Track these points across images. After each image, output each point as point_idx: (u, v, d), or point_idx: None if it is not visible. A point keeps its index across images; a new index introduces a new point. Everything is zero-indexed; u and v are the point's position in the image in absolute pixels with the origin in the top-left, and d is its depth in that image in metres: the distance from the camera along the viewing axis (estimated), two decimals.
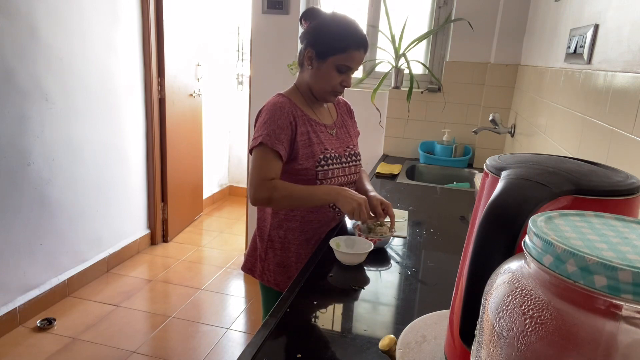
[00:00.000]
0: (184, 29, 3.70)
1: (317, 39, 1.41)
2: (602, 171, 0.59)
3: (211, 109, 4.53)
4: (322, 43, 1.41)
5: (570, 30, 1.60)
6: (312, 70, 1.44)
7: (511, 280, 0.41)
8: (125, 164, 3.30)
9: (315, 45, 1.41)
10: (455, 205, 2.03)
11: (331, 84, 1.44)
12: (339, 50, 1.40)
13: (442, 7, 2.83)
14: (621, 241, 0.39)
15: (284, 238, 1.53)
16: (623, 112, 1.09)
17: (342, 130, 1.59)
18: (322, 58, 1.41)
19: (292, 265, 1.54)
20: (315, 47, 1.41)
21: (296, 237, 1.53)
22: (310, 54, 1.43)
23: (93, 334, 2.53)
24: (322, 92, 1.47)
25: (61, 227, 2.78)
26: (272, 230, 1.54)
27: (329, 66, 1.42)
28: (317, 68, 1.43)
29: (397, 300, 1.16)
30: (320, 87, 1.46)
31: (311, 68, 1.44)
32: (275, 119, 1.39)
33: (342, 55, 1.40)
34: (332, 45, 1.40)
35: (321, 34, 1.42)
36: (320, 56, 1.42)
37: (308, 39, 1.43)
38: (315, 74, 1.44)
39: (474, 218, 0.65)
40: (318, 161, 1.46)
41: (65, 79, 2.70)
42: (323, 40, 1.41)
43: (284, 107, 1.43)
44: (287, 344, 0.96)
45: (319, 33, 1.42)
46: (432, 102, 2.81)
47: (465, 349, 0.56)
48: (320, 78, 1.44)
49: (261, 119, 1.42)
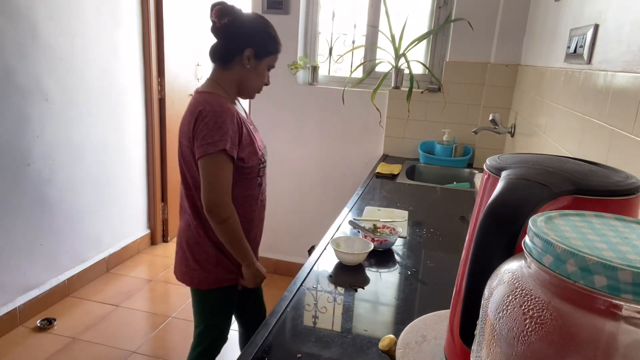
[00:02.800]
0: (184, 29, 3.70)
1: (257, 40, 1.47)
2: (602, 171, 0.59)
3: None
4: (262, 44, 1.47)
5: (570, 30, 1.60)
6: (248, 69, 1.48)
7: (511, 280, 0.41)
8: (125, 163, 3.30)
9: (256, 45, 1.46)
10: (455, 205, 2.03)
11: (262, 82, 1.54)
12: (273, 52, 1.51)
13: (442, 7, 2.83)
14: (621, 241, 0.39)
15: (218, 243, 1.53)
16: (623, 112, 1.09)
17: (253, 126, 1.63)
18: (259, 58, 1.48)
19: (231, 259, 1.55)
20: (256, 47, 1.46)
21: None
22: (249, 53, 1.46)
23: (93, 334, 2.53)
24: (252, 90, 1.54)
25: (61, 227, 2.78)
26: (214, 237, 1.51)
27: (264, 66, 1.51)
28: (253, 67, 1.49)
29: (397, 300, 1.16)
30: (253, 86, 1.53)
31: (249, 67, 1.48)
32: (229, 122, 1.39)
33: (274, 57, 1.52)
34: (271, 46, 1.49)
35: (261, 35, 1.48)
36: (257, 56, 1.48)
37: (246, 38, 1.46)
38: (249, 72, 1.49)
39: (474, 218, 0.65)
40: (260, 159, 1.53)
41: (66, 79, 2.70)
42: (263, 41, 1.48)
43: (231, 108, 1.43)
44: (287, 344, 0.96)
45: (259, 33, 1.48)
46: (432, 102, 2.81)
47: (465, 349, 0.56)
48: (255, 77, 1.51)
49: (210, 121, 1.37)
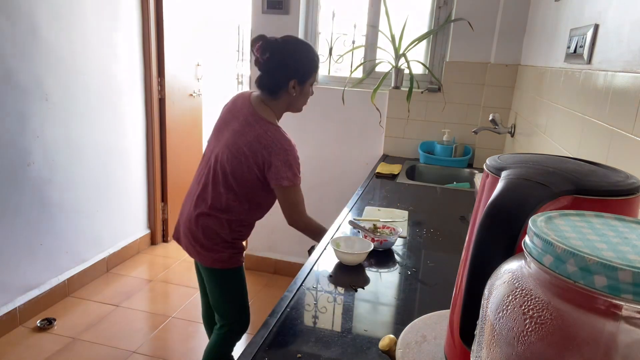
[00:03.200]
0: (184, 29, 3.70)
1: (297, 68, 1.62)
2: (602, 171, 0.59)
3: (211, 109, 4.53)
4: (302, 70, 1.63)
5: (570, 30, 1.60)
6: (296, 95, 1.66)
7: (511, 280, 0.41)
8: (125, 163, 3.30)
9: (297, 74, 1.62)
10: (455, 205, 2.03)
11: (309, 95, 1.72)
12: (314, 71, 1.67)
13: (442, 7, 2.83)
14: (621, 241, 0.39)
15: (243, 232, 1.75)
16: (623, 112, 1.09)
17: None
18: (303, 82, 1.65)
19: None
20: (297, 76, 1.62)
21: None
22: (294, 83, 1.62)
23: (93, 334, 2.53)
24: (302, 106, 1.73)
25: (61, 227, 2.78)
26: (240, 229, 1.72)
27: (308, 87, 1.68)
28: (299, 92, 1.66)
29: (397, 300, 1.16)
30: (302, 103, 1.72)
31: (294, 95, 1.65)
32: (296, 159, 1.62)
33: (315, 74, 1.68)
34: (310, 71, 1.65)
35: (299, 63, 1.63)
36: (301, 83, 1.64)
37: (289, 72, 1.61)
38: (299, 96, 1.67)
39: (474, 218, 0.65)
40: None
41: (66, 79, 2.70)
42: (302, 67, 1.63)
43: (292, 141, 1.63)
44: (287, 344, 0.96)
45: (299, 63, 1.63)
46: (432, 102, 2.81)
47: (465, 349, 0.56)
48: (303, 98, 1.70)
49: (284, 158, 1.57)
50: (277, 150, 1.56)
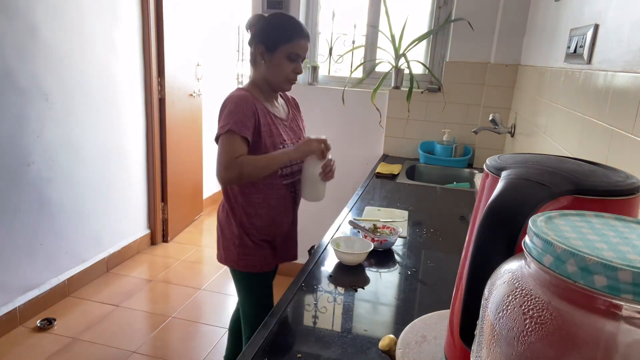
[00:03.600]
0: (184, 29, 3.70)
1: (265, 34, 1.56)
2: (602, 171, 0.59)
3: (211, 109, 4.53)
4: (270, 36, 1.55)
5: (570, 30, 1.60)
6: (265, 64, 1.57)
7: (511, 280, 0.41)
8: (125, 164, 3.30)
9: (264, 39, 1.55)
10: (455, 205, 2.03)
11: (285, 72, 1.57)
12: (286, 40, 1.54)
13: (442, 7, 2.83)
14: (621, 241, 0.39)
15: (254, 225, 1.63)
16: (623, 112, 1.09)
17: (294, 123, 1.73)
18: (272, 50, 1.55)
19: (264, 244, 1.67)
20: (265, 42, 1.55)
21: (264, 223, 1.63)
22: (260, 49, 1.56)
23: (93, 334, 2.53)
24: (279, 82, 1.60)
25: (61, 227, 2.78)
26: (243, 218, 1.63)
27: (280, 56, 1.55)
28: (269, 60, 1.56)
29: (397, 300, 1.16)
30: (276, 78, 1.59)
31: (264, 62, 1.57)
32: (240, 108, 1.49)
33: (289, 44, 1.54)
34: (279, 36, 1.54)
35: (267, 29, 1.56)
36: (270, 49, 1.55)
37: (256, 38, 1.57)
38: (268, 66, 1.57)
39: (474, 218, 0.65)
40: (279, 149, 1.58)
41: (65, 79, 2.70)
42: (270, 34, 1.55)
43: (248, 98, 1.53)
44: (287, 344, 0.96)
45: (265, 28, 1.56)
46: (432, 102, 2.81)
47: (465, 349, 0.56)
48: (274, 69, 1.57)
49: (226, 109, 1.51)
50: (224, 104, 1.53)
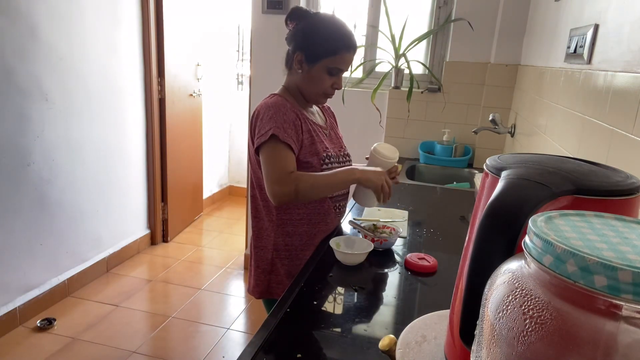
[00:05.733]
0: (184, 29, 3.70)
1: (307, 42, 1.38)
2: (602, 171, 0.59)
3: (211, 109, 4.53)
4: (312, 46, 1.37)
5: (570, 30, 1.60)
6: (302, 74, 1.41)
7: (511, 280, 0.41)
8: (125, 164, 3.30)
9: (305, 48, 1.38)
10: (455, 205, 2.03)
11: (322, 87, 1.41)
12: (330, 53, 1.36)
13: (442, 7, 2.83)
14: (621, 241, 0.39)
15: (291, 245, 1.48)
16: (623, 112, 1.09)
17: (333, 132, 1.59)
18: (312, 62, 1.38)
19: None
20: (305, 51, 1.38)
21: (304, 242, 1.48)
22: (299, 57, 1.39)
23: (93, 334, 2.53)
24: (313, 95, 1.45)
25: (61, 227, 2.78)
26: (278, 238, 1.48)
27: (320, 69, 1.39)
28: (307, 72, 1.40)
29: (397, 300, 1.16)
30: (312, 90, 1.43)
31: (301, 72, 1.41)
32: (281, 114, 1.34)
33: (332, 58, 1.37)
34: (323, 48, 1.36)
35: (310, 37, 1.38)
36: (310, 60, 1.38)
37: (296, 42, 1.40)
38: (305, 77, 1.41)
39: (474, 218, 0.65)
40: (322, 159, 1.43)
41: (65, 79, 2.70)
42: (313, 43, 1.37)
43: (286, 105, 1.39)
44: (287, 344, 0.96)
45: (308, 36, 1.38)
46: (432, 102, 2.81)
47: (465, 349, 0.56)
48: (311, 81, 1.41)
49: (264, 116, 1.35)
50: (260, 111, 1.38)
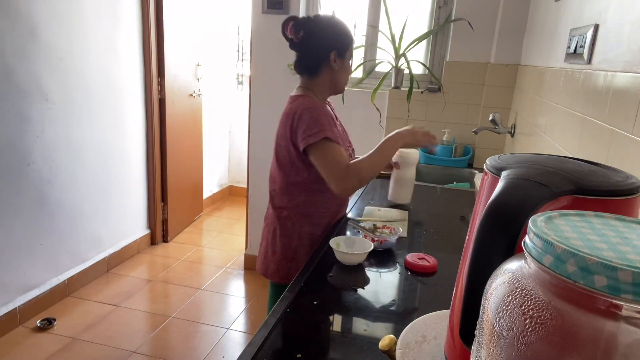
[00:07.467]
0: (184, 29, 3.70)
1: (338, 41, 1.57)
2: (602, 171, 0.59)
3: (211, 109, 4.53)
4: (341, 43, 1.57)
5: (570, 30, 1.60)
6: (337, 69, 1.59)
7: (511, 280, 0.41)
8: (125, 164, 3.30)
9: (337, 45, 1.56)
10: (455, 205, 2.03)
11: (349, 73, 1.66)
12: (350, 43, 1.61)
13: (442, 7, 2.83)
14: (621, 241, 0.39)
15: (314, 234, 1.61)
16: (623, 112, 1.09)
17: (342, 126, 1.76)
18: (342, 56, 1.59)
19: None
20: (338, 48, 1.56)
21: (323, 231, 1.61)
22: (334, 55, 1.56)
23: (93, 334, 2.53)
24: (343, 84, 1.65)
25: (61, 227, 2.78)
26: (303, 228, 1.60)
27: (347, 59, 1.62)
28: (340, 66, 1.59)
29: (397, 300, 1.16)
30: (344, 79, 1.64)
31: (336, 68, 1.58)
32: (323, 115, 1.49)
33: (351, 47, 1.62)
34: (347, 41, 1.59)
35: (338, 36, 1.58)
36: (340, 55, 1.58)
37: (328, 44, 1.56)
38: (340, 70, 1.60)
39: (474, 218, 0.65)
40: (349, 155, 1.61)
41: (65, 79, 2.70)
42: (340, 40, 1.57)
43: (320, 105, 1.54)
44: (287, 344, 0.96)
45: (336, 35, 1.58)
46: (432, 102, 2.81)
47: (465, 349, 0.56)
48: (345, 71, 1.62)
49: (307, 118, 1.47)
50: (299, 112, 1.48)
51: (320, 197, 1.58)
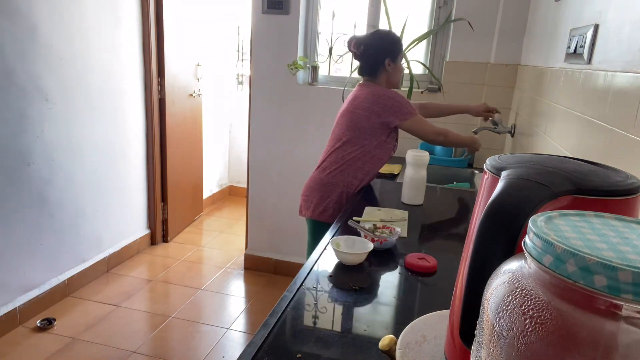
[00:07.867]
0: (184, 29, 3.70)
1: (391, 49, 2.01)
2: (602, 171, 0.59)
3: (211, 109, 4.53)
4: (394, 50, 2.02)
5: (570, 30, 1.60)
6: (391, 71, 2.03)
7: (511, 280, 0.41)
8: (125, 164, 3.30)
9: (391, 53, 2.01)
10: (455, 205, 2.03)
11: (402, 71, 2.10)
12: (401, 49, 2.06)
13: (442, 7, 2.83)
14: (621, 241, 0.39)
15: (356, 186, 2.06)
16: (623, 112, 1.09)
17: None
18: (395, 60, 2.03)
19: None
20: (391, 55, 2.01)
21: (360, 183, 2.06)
22: (389, 61, 2.01)
23: (93, 334, 2.53)
24: (399, 81, 2.10)
25: (61, 227, 2.78)
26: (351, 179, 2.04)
27: (399, 62, 2.05)
28: (394, 68, 2.03)
29: (397, 300, 1.16)
30: (399, 77, 2.09)
31: (391, 71, 2.03)
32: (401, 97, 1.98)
33: (402, 52, 2.07)
34: (398, 48, 2.04)
35: (390, 45, 2.02)
36: (394, 60, 2.02)
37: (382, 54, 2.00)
38: (394, 72, 2.04)
39: (474, 218, 0.65)
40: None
41: (66, 79, 2.70)
42: (394, 47, 2.02)
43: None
44: (287, 344, 0.96)
45: (389, 45, 2.02)
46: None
47: (465, 349, 0.56)
48: (398, 72, 2.06)
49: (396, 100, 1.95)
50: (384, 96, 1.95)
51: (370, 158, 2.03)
